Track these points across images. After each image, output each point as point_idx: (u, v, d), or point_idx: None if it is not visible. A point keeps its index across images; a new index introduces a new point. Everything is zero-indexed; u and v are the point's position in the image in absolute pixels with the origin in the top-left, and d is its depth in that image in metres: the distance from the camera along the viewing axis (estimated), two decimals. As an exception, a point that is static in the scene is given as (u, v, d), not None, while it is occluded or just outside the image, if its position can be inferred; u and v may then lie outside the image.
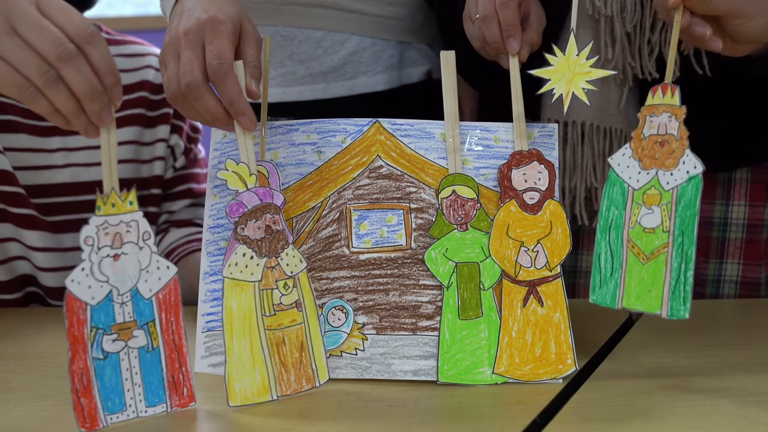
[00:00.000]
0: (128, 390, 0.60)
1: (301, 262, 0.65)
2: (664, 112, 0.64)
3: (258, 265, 0.61)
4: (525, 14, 0.74)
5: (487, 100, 1.04)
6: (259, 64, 0.69)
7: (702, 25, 0.65)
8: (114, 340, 0.59)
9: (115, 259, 0.59)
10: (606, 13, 0.83)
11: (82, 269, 0.57)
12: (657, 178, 0.65)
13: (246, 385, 0.60)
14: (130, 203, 0.60)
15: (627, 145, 0.66)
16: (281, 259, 0.63)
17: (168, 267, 0.62)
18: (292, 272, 0.64)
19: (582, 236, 0.97)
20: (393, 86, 1.04)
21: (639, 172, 0.66)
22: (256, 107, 0.70)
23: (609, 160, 0.67)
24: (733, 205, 0.94)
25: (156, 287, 0.61)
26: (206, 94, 0.66)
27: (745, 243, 0.94)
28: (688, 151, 0.63)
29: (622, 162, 0.66)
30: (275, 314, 0.62)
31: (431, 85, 1.06)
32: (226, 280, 0.61)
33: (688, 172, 0.63)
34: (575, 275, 0.98)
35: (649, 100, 0.65)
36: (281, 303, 0.63)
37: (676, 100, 0.64)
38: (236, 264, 0.61)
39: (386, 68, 1.03)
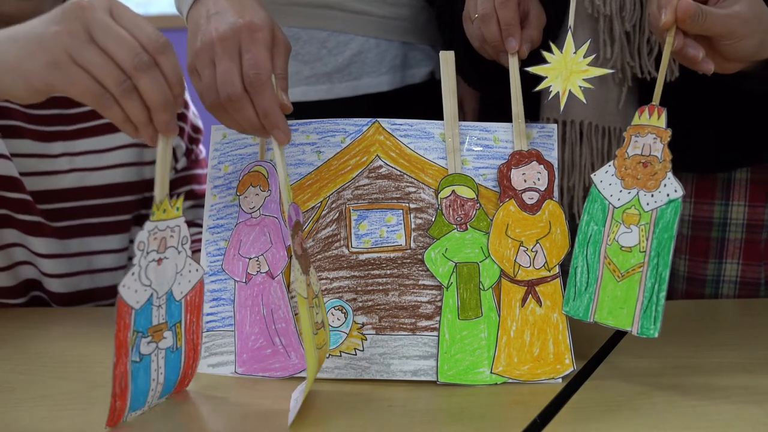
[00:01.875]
0: (152, 390, 0.61)
1: (318, 281, 0.65)
2: (650, 133, 0.65)
3: (303, 281, 0.61)
4: (524, 13, 0.74)
5: (487, 100, 1.04)
6: (287, 76, 0.67)
7: (695, 48, 0.66)
8: (149, 343, 0.60)
9: (158, 264, 0.59)
10: (605, 12, 0.83)
11: (132, 274, 0.57)
12: (638, 199, 0.65)
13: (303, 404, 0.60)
14: (177, 209, 0.60)
15: (611, 162, 0.67)
16: (311, 277, 0.63)
17: (197, 269, 0.63)
18: (316, 292, 0.64)
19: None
20: (397, 87, 1.04)
21: (621, 191, 0.66)
22: None
23: (592, 176, 0.68)
24: (732, 206, 0.94)
25: (186, 289, 0.62)
26: (247, 105, 0.64)
27: (745, 243, 0.94)
28: (670, 174, 0.64)
29: (605, 179, 0.67)
30: (317, 333, 0.62)
31: (434, 86, 1.06)
32: (298, 296, 0.61)
33: (668, 195, 0.64)
34: None
35: (636, 120, 0.66)
36: (317, 322, 0.62)
37: (662, 122, 0.65)
38: (296, 279, 0.61)
39: (390, 69, 1.04)
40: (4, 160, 0.92)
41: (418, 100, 1.05)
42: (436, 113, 0.72)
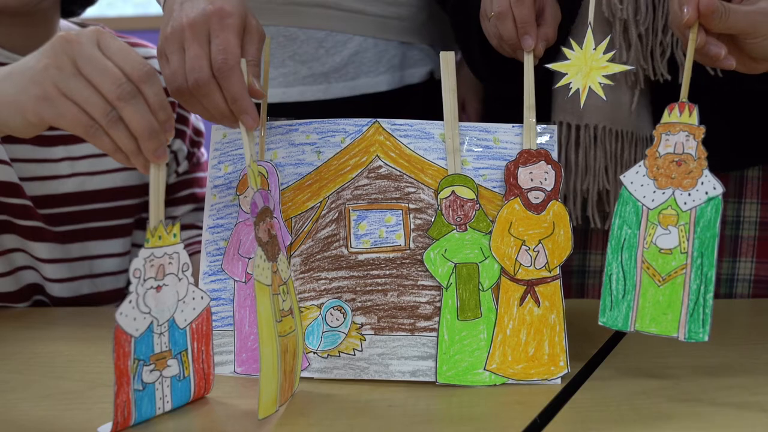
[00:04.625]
0: (158, 417, 0.63)
1: (288, 268, 0.67)
2: (682, 131, 0.65)
3: (268, 268, 0.63)
4: (540, 10, 0.75)
5: (494, 98, 1.05)
6: (259, 63, 0.70)
7: (717, 45, 0.66)
8: (151, 371, 0.61)
9: (157, 291, 0.61)
10: (621, 16, 0.84)
11: (130, 302, 0.59)
12: (674, 198, 0.65)
13: (268, 396, 0.61)
14: (174, 236, 0.62)
15: (641, 162, 0.66)
16: (279, 264, 0.65)
17: (202, 297, 0.64)
18: (285, 278, 0.66)
19: (591, 235, 0.99)
20: (395, 87, 1.06)
21: (654, 191, 0.66)
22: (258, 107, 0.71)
23: (621, 177, 0.67)
24: (745, 203, 0.95)
25: (190, 317, 0.64)
26: (215, 92, 0.67)
27: (758, 241, 0.95)
28: (707, 172, 0.64)
29: (636, 180, 0.66)
30: (281, 320, 0.64)
31: (434, 86, 1.08)
32: (255, 282, 0.62)
33: (707, 193, 0.64)
34: (584, 275, 1.00)
35: (665, 118, 0.66)
36: (283, 309, 0.64)
37: (695, 119, 0.64)
38: (258, 266, 0.62)
39: (388, 69, 1.05)
40: (4, 166, 0.94)
41: (417, 100, 1.07)
42: (435, 113, 0.73)
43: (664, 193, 0.65)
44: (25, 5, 0.93)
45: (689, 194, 0.64)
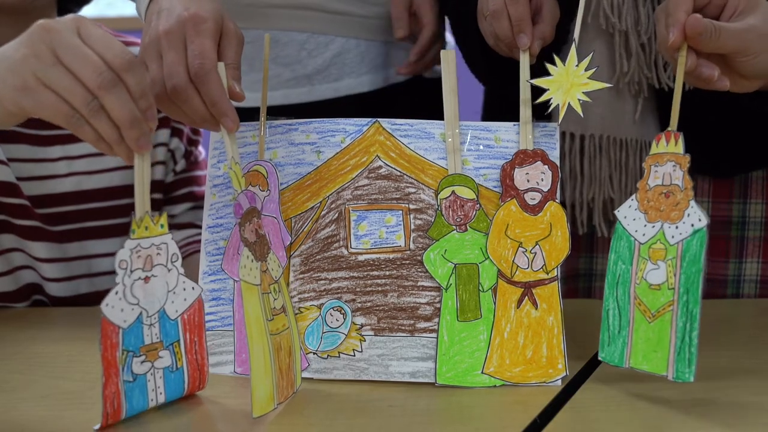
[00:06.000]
0: (154, 416, 0.63)
1: (279, 266, 0.68)
2: (669, 161, 0.65)
3: (256, 268, 0.64)
4: (537, 8, 0.76)
5: (494, 98, 1.06)
6: (239, 66, 0.71)
7: (709, 67, 0.66)
8: (142, 362, 0.62)
9: (145, 282, 0.61)
10: (621, 28, 0.85)
11: (116, 293, 0.59)
12: (662, 232, 0.65)
13: (262, 393, 0.62)
14: (161, 226, 0.62)
15: (633, 196, 0.67)
16: (268, 263, 0.66)
17: (193, 288, 0.65)
18: (276, 277, 0.67)
19: (596, 239, 0.99)
20: (379, 86, 1.06)
21: (645, 225, 0.66)
22: (248, 109, 0.72)
23: (616, 212, 0.68)
24: (750, 204, 0.96)
25: (182, 308, 0.65)
26: (194, 96, 0.68)
27: (764, 241, 0.96)
28: (692, 203, 0.64)
29: (629, 214, 0.67)
30: (273, 319, 0.65)
31: (418, 84, 1.08)
32: (242, 282, 0.63)
33: (692, 225, 0.63)
34: (591, 278, 1.00)
35: (653, 149, 0.66)
36: (275, 307, 0.65)
37: (680, 147, 0.64)
38: (245, 266, 0.63)
39: (372, 69, 1.06)
40: (2, 166, 0.94)
41: (402, 99, 1.07)
42: (421, 111, 0.74)
43: (653, 226, 0.66)
44: (21, 2, 0.93)
45: (677, 227, 0.64)
